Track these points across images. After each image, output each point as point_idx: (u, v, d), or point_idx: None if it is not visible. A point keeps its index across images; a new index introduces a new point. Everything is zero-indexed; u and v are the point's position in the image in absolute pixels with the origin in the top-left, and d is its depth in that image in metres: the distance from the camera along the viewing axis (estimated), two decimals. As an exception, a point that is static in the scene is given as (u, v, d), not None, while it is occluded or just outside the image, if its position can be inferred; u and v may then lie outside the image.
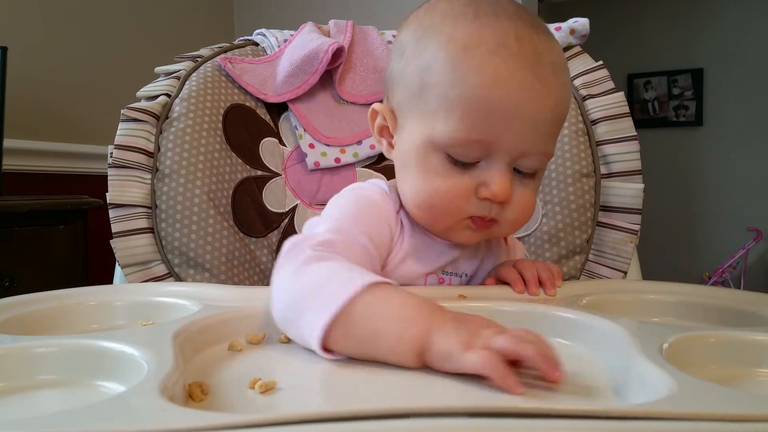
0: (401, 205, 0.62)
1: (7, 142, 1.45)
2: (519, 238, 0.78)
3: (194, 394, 0.36)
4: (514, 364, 0.38)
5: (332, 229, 0.54)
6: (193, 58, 0.88)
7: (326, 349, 0.43)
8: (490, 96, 0.51)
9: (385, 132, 0.62)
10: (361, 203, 0.60)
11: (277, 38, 0.94)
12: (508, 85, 0.51)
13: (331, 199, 0.61)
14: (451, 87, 0.53)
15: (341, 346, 0.43)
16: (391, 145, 0.62)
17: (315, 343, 0.43)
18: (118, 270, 0.80)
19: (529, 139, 0.54)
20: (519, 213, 0.57)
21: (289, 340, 0.48)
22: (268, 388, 0.37)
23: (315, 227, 0.55)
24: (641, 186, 0.77)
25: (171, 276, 0.77)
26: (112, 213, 0.76)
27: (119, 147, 0.78)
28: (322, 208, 0.62)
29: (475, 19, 0.54)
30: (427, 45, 0.55)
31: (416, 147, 0.56)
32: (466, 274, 0.65)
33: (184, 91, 0.82)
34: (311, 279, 0.46)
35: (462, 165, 0.55)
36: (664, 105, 3.93)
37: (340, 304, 0.42)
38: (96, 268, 1.36)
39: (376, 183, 0.64)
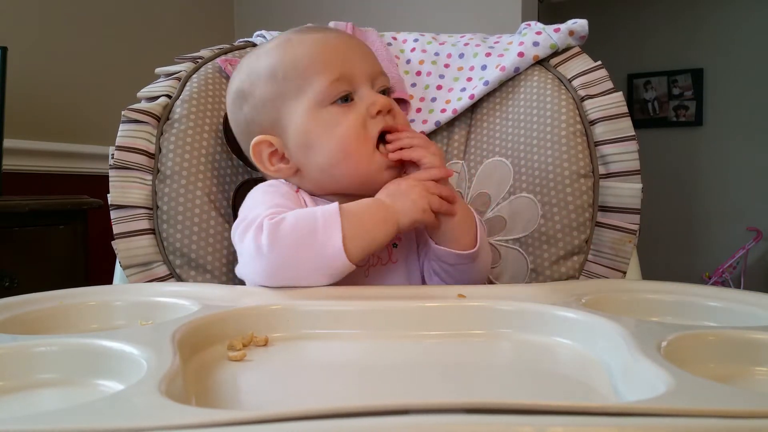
0: (298, 189, 0.72)
1: (7, 142, 1.45)
2: (516, 239, 0.79)
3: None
4: None
5: (260, 210, 0.63)
6: (194, 59, 0.88)
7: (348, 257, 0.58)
8: (320, 52, 0.68)
9: (275, 155, 0.71)
10: (263, 188, 0.71)
11: (276, 39, 0.94)
12: (331, 37, 0.71)
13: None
14: (296, 63, 0.68)
15: (354, 253, 0.59)
16: (286, 159, 0.71)
17: (339, 254, 0.58)
18: (118, 270, 0.80)
19: (372, 63, 0.70)
20: (404, 123, 0.71)
21: (266, 343, 0.48)
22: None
23: (245, 219, 0.63)
24: (640, 186, 0.77)
25: (172, 277, 0.77)
26: (113, 214, 0.76)
27: (120, 148, 0.78)
28: None
29: (280, 35, 0.75)
30: (257, 66, 0.71)
31: (307, 121, 0.68)
32: None
33: (185, 92, 0.82)
34: (295, 228, 0.59)
35: (344, 103, 0.67)
36: (664, 105, 3.94)
37: (339, 224, 0.59)
38: (96, 268, 1.36)
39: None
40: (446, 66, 0.91)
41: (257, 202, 0.68)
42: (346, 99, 0.67)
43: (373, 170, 0.68)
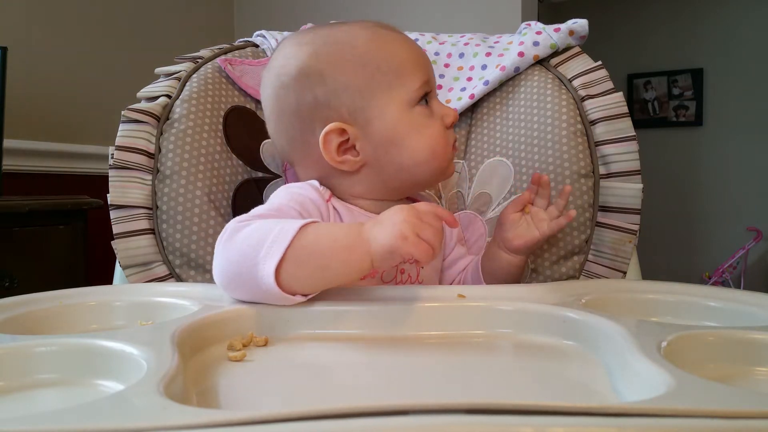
0: (332, 195, 0.69)
1: (7, 142, 1.45)
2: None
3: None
4: None
5: (260, 211, 0.61)
6: (193, 59, 0.88)
7: (283, 289, 0.51)
8: (411, 52, 0.69)
9: (344, 145, 0.67)
10: (284, 189, 0.68)
11: (277, 40, 0.94)
12: (411, 40, 0.72)
13: None
14: (391, 59, 0.67)
15: (297, 283, 0.52)
16: (356, 152, 0.67)
17: (270, 282, 0.50)
18: (118, 270, 0.80)
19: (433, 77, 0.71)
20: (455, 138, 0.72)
21: (266, 343, 0.48)
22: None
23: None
24: (640, 186, 0.77)
25: (172, 277, 0.77)
26: (113, 214, 0.76)
27: (120, 148, 0.78)
28: None
29: (356, 23, 0.71)
30: (341, 50, 0.67)
31: (399, 118, 0.66)
32: None
33: (185, 92, 0.82)
34: (248, 237, 0.54)
35: (426, 106, 0.68)
36: (664, 105, 3.93)
37: (285, 246, 0.51)
38: (96, 268, 1.36)
39: (304, 182, 0.70)
40: (446, 66, 0.91)
41: (268, 201, 0.65)
42: (426, 102, 0.68)
43: (449, 172, 0.71)
